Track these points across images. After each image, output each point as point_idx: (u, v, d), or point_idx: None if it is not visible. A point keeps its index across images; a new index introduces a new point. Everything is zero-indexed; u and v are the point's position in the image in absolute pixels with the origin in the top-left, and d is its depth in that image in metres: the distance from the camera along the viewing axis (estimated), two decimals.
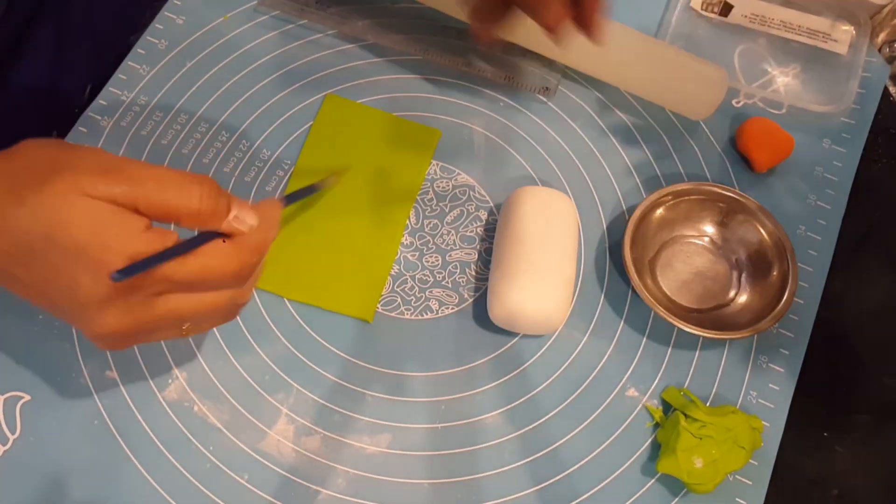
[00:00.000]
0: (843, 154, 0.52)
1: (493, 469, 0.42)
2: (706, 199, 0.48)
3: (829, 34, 0.55)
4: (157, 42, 0.52)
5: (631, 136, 0.52)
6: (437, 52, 0.53)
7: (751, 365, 0.46)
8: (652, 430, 0.44)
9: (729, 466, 0.41)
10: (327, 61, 0.52)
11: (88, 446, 0.41)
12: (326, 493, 0.41)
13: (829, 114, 0.53)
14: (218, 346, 0.44)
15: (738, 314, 0.46)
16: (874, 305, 0.49)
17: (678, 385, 0.45)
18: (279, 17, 0.54)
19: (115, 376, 0.42)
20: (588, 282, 0.47)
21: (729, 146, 0.52)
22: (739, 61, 0.55)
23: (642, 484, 0.42)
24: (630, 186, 0.50)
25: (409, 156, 0.50)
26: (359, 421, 0.43)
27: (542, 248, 0.43)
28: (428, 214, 0.48)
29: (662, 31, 0.55)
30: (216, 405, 0.42)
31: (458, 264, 0.47)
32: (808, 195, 0.51)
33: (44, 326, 0.43)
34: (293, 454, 0.42)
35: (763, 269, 0.46)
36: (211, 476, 0.41)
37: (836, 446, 0.45)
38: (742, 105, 0.53)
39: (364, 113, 0.51)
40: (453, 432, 0.43)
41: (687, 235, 0.48)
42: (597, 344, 0.45)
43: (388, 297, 0.46)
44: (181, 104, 0.50)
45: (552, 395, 0.44)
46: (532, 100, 0.53)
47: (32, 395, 0.42)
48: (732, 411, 0.42)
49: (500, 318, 0.43)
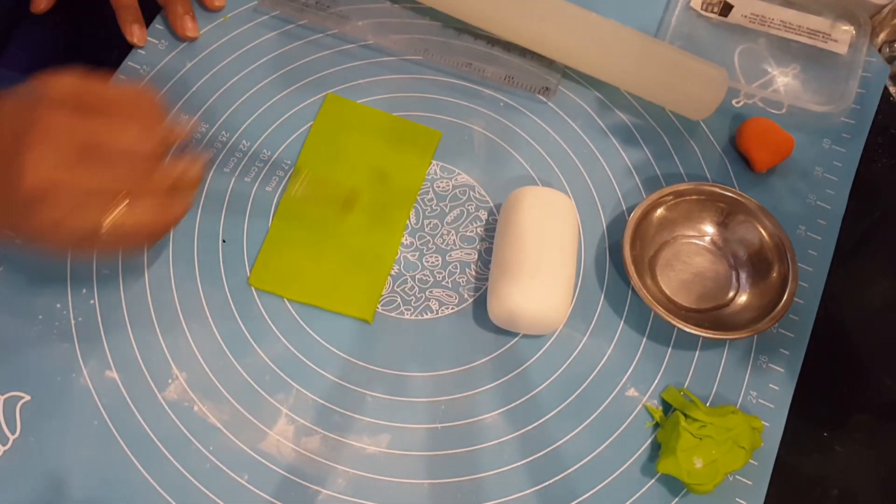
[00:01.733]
0: (843, 154, 0.52)
1: (492, 469, 0.42)
2: (706, 199, 0.48)
3: (829, 34, 0.55)
4: (157, 42, 0.52)
5: (631, 135, 0.52)
6: (437, 52, 0.53)
7: (751, 365, 0.46)
8: (652, 430, 0.44)
9: (729, 466, 0.41)
10: (327, 61, 0.52)
11: (88, 446, 0.41)
12: (326, 494, 0.41)
13: (829, 114, 0.53)
14: (218, 346, 0.44)
15: (738, 314, 0.46)
16: (874, 305, 0.49)
17: (678, 385, 0.45)
18: (279, 17, 0.54)
19: (115, 376, 0.42)
20: (588, 282, 0.47)
21: (729, 146, 0.52)
22: (739, 61, 0.55)
23: (642, 484, 0.42)
24: (630, 186, 0.50)
25: (409, 156, 0.50)
26: (359, 421, 0.43)
27: (542, 248, 0.43)
28: (428, 214, 0.48)
29: (662, 31, 0.55)
30: (216, 405, 0.42)
31: (458, 264, 0.47)
32: (808, 195, 0.51)
33: (44, 326, 0.43)
34: (293, 454, 0.42)
35: (763, 269, 0.46)
36: (211, 476, 0.41)
37: (836, 446, 0.45)
38: (742, 105, 0.53)
39: (364, 113, 0.51)
40: (453, 432, 0.43)
41: (687, 235, 0.48)
42: (597, 344, 0.45)
43: (388, 298, 0.46)
44: (181, 104, 0.50)
45: (552, 396, 0.44)
46: (532, 100, 0.53)
47: (32, 395, 0.42)
48: (732, 411, 0.42)
49: (500, 318, 0.43)
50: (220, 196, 0.48)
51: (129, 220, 0.36)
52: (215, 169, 0.48)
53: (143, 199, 0.36)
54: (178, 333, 0.44)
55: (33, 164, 0.33)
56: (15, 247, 0.38)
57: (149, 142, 0.36)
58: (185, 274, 0.45)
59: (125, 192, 0.36)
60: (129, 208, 0.36)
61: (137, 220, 0.36)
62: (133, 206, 0.36)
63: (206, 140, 0.49)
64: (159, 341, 0.43)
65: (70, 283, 0.44)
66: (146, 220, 0.37)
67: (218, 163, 0.49)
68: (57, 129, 0.34)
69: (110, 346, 0.43)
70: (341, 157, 0.49)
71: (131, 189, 0.36)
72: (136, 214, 0.36)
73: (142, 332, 0.44)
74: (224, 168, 0.48)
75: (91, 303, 0.44)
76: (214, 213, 0.47)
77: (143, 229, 0.37)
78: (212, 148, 0.49)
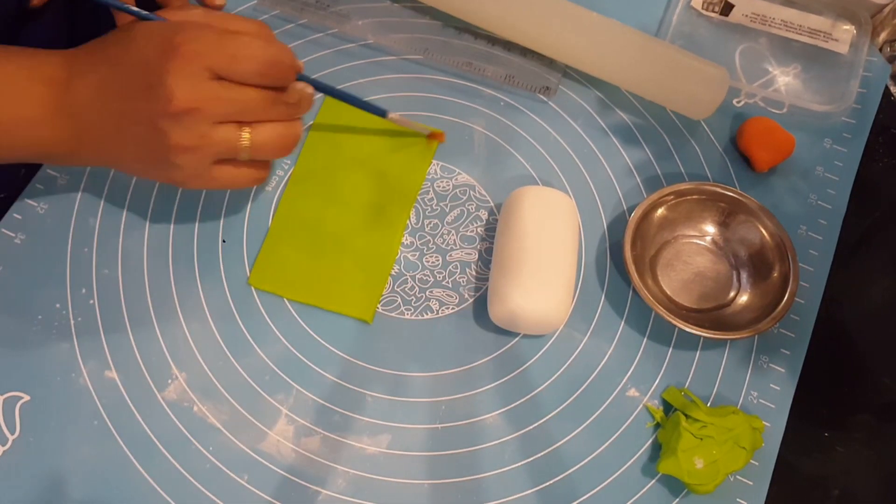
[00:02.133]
0: (844, 154, 0.52)
1: (493, 469, 0.42)
2: (707, 198, 0.48)
3: (829, 34, 0.55)
4: None
5: (631, 135, 0.52)
6: (437, 52, 0.53)
7: (751, 365, 0.45)
8: (652, 430, 0.43)
9: (729, 467, 0.41)
10: (327, 61, 0.52)
11: (88, 446, 0.41)
12: (326, 494, 0.41)
13: (830, 113, 0.53)
14: (218, 346, 0.44)
15: (738, 314, 0.45)
16: (875, 305, 0.49)
17: (679, 385, 0.45)
18: (279, 17, 0.54)
19: (114, 376, 0.42)
20: (588, 282, 0.47)
21: (730, 146, 0.52)
22: (740, 61, 0.55)
23: (643, 484, 0.42)
24: (630, 186, 0.50)
25: (410, 156, 0.50)
26: (359, 421, 0.43)
27: (543, 248, 0.43)
28: (428, 214, 0.48)
29: (663, 31, 0.55)
30: (216, 405, 0.42)
31: (459, 264, 0.47)
32: (808, 195, 0.50)
33: (44, 326, 0.43)
34: (293, 454, 0.42)
35: (764, 269, 0.46)
36: (211, 476, 0.41)
37: (837, 446, 0.44)
38: (743, 104, 0.53)
39: (364, 113, 0.50)
40: (453, 433, 0.43)
41: (688, 235, 0.48)
42: (597, 344, 0.45)
43: (388, 298, 0.46)
44: None
45: (552, 396, 0.44)
46: (532, 99, 0.52)
47: (32, 395, 0.42)
48: (733, 411, 0.42)
49: (500, 318, 0.43)
50: (220, 196, 0.48)
51: (263, 136, 0.38)
52: None
53: (275, 114, 0.38)
54: (177, 333, 0.44)
55: (180, 81, 0.35)
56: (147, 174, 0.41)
57: (287, 54, 0.38)
58: (185, 274, 0.45)
59: (262, 105, 0.37)
60: (263, 125, 0.38)
61: (270, 135, 0.38)
62: (266, 123, 0.38)
63: None
64: (159, 341, 0.43)
65: (70, 283, 0.44)
66: (276, 134, 0.39)
67: None
68: (200, 46, 0.35)
69: (110, 346, 0.43)
70: (341, 157, 0.49)
71: (267, 103, 0.37)
72: (269, 129, 0.38)
73: (141, 332, 0.44)
74: None
75: (91, 303, 0.44)
76: (214, 213, 0.47)
77: (274, 145, 0.39)
78: None
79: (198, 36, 0.36)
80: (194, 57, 0.35)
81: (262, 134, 0.38)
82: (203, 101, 0.35)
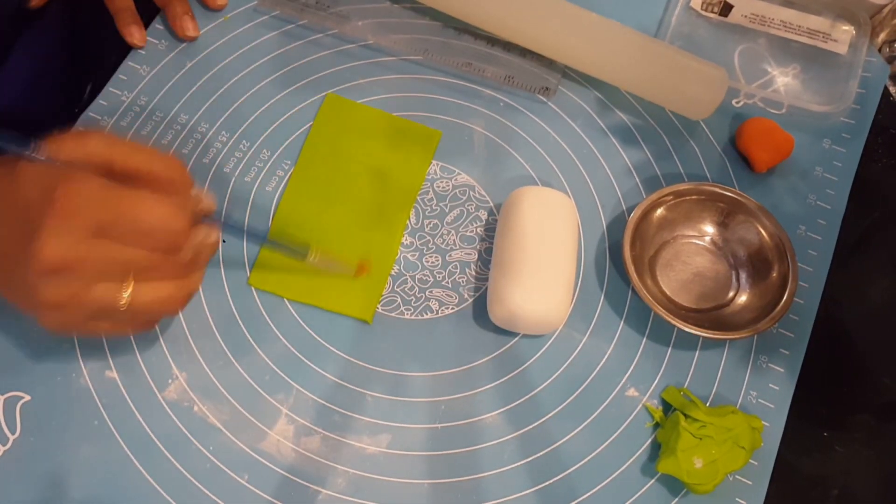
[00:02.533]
0: (843, 154, 0.52)
1: (492, 469, 0.42)
2: (706, 199, 0.48)
3: (829, 34, 0.55)
4: (157, 42, 0.52)
5: (631, 135, 0.52)
6: (437, 52, 0.53)
7: (751, 365, 0.46)
8: (652, 430, 0.44)
9: (729, 466, 0.41)
10: (327, 61, 0.52)
11: (88, 446, 0.41)
12: (326, 493, 0.41)
13: (829, 114, 0.53)
14: (218, 346, 0.44)
15: (738, 314, 0.46)
16: (874, 305, 0.49)
17: (678, 385, 0.45)
18: (279, 17, 0.54)
19: (114, 376, 0.42)
20: (588, 282, 0.47)
21: (729, 146, 0.52)
22: (739, 61, 0.55)
23: (642, 484, 0.42)
24: (630, 186, 0.50)
25: (409, 156, 0.50)
26: (359, 421, 0.43)
27: (542, 248, 0.43)
28: (428, 214, 0.48)
29: (662, 31, 0.55)
30: (216, 405, 0.42)
31: (458, 264, 0.47)
32: (808, 195, 0.51)
33: None
34: (293, 454, 0.42)
35: (763, 269, 0.46)
36: (211, 476, 0.41)
37: (836, 446, 0.45)
38: (742, 105, 0.53)
39: (364, 113, 0.51)
40: (453, 432, 0.43)
41: (687, 235, 0.48)
42: (597, 344, 0.45)
43: (388, 298, 0.46)
44: (181, 104, 0.50)
45: (552, 396, 0.44)
46: (532, 100, 0.53)
47: (32, 395, 0.42)
48: (732, 411, 0.42)
49: (500, 318, 0.43)
50: (220, 196, 0.48)
51: (146, 297, 0.35)
52: (215, 169, 0.48)
53: (163, 274, 0.35)
54: (177, 333, 0.44)
55: (53, 238, 0.32)
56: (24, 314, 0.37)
57: (179, 219, 0.34)
58: None
59: (146, 267, 0.34)
60: (148, 284, 0.35)
61: (155, 296, 0.35)
62: (151, 282, 0.35)
63: (206, 140, 0.49)
64: (159, 341, 0.43)
65: None
66: (163, 295, 0.35)
67: (218, 163, 0.49)
68: (81, 201, 0.32)
69: (110, 346, 0.43)
70: (341, 157, 0.49)
71: (153, 265, 0.34)
72: (153, 290, 0.35)
73: (141, 332, 0.44)
74: (224, 168, 0.49)
75: None
76: (214, 213, 0.47)
77: (160, 306, 0.36)
78: (212, 148, 0.49)
79: (79, 190, 0.32)
80: (73, 213, 0.32)
81: (146, 294, 0.35)
82: (75, 261, 0.32)
